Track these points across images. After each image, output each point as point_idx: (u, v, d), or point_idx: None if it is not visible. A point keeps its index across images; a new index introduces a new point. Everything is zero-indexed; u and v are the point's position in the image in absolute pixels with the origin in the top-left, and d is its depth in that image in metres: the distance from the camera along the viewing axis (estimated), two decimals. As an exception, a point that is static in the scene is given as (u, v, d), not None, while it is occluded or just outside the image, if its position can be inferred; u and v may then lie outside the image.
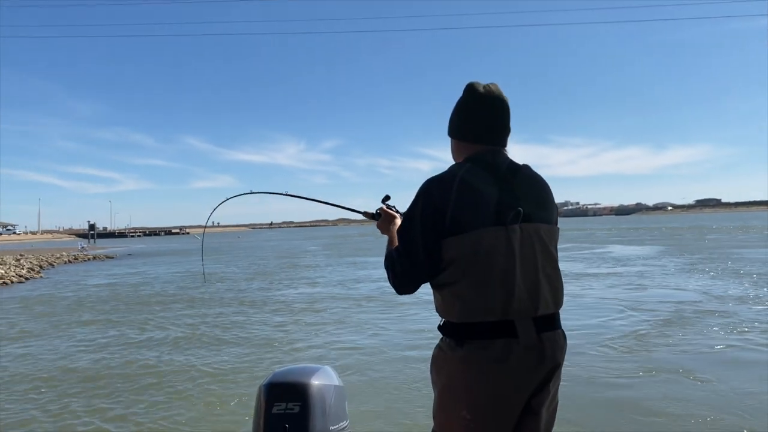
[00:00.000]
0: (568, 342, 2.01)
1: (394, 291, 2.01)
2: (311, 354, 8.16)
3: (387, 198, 2.41)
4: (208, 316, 11.84)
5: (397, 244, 2.05)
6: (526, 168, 2.06)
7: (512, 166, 2.02)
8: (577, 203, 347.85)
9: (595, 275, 17.16)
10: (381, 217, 2.37)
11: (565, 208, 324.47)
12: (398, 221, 2.27)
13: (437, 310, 1.98)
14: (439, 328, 1.98)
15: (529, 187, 2.00)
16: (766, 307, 10.61)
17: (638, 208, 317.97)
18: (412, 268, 1.93)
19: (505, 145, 2.07)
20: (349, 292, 15.27)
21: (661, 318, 9.78)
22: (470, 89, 2.05)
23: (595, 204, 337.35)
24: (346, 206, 2.81)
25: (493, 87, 2.04)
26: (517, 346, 1.82)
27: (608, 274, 17.54)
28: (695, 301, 11.50)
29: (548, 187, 2.09)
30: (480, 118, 2.03)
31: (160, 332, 10.14)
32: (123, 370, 7.44)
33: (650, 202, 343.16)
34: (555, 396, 1.98)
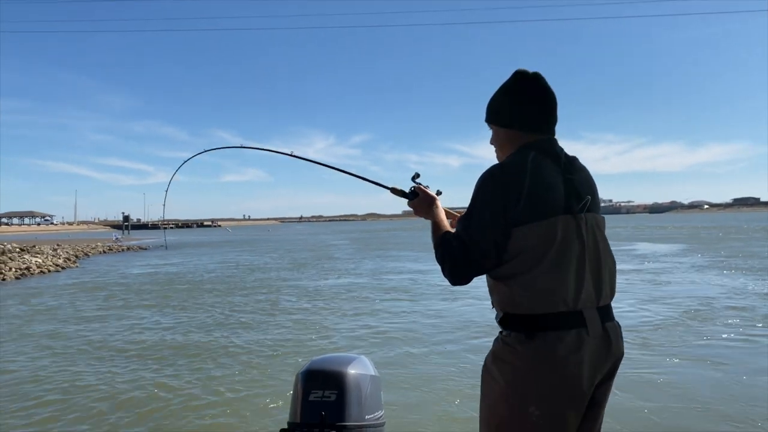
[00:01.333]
0: None
1: (448, 281, 1.94)
2: (347, 343, 8.24)
3: (417, 176, 2.26)
4: (246, 305, 12.02)
5: (447, 229, 2.02)
6: (576, 159, 2.04)
7: (569, 157, 2.00)
8: (610, 200, 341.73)
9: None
10: (418, 197, 2.23)
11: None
12: (439, 203, 2.21)
13: (499, 303, 1.91)
14: (501, 321, 1.91)
15: (585, 178, 1.99)
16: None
17: (673, 206, 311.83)
18: (479, 257, 1.85)
19: (554, 133, 2.03)
20: (383, 284, 15.32)
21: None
22: (522, 76, 2.01)
23: (629, 202, 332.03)
24: (370, 179, 2.55)
25: (539, 75, 2.01)
26: (587, 336, 1.80)
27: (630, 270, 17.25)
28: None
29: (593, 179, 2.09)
30: (536, 106, 1.99)
31: (202, 316, 10.35)
32: (165, 351, 7.69)
33: (685, 200, 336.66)
34: (609, 389, 1.98)
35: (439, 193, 2.26)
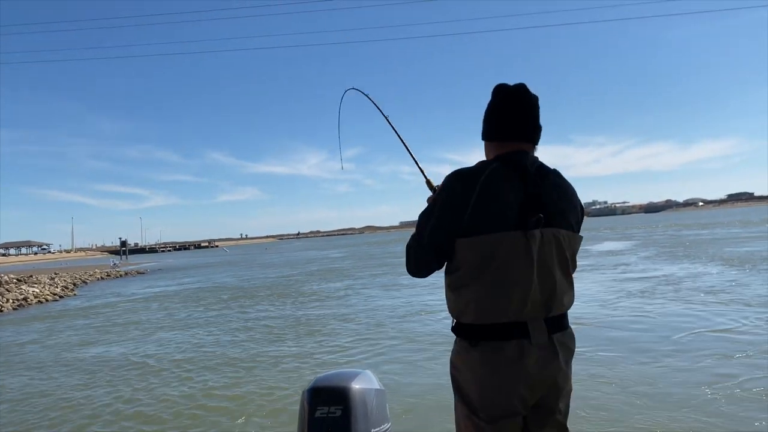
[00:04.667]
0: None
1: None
2: (353, 359, 8.24)
3: None
4: (249, 324, 11.99)
5: None
6: (555, 173, 2.04)
7: (542, 170, 2.01)
8: (605, 202, 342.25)
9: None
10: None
11: (593, 207, 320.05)
12: None
13: (450, 311, 1.99)
14: (453, 329, 1.99)
15: (555, 192, 1.98)
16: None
17: (668, 205, 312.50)
18: (422, 253, 1.99)
19: (534, 142, 2.06)
20: (385, 298, 15.30)
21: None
22: (496, 89, 2.07)
23: (624, 203, 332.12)
24: (420, 166, 2.68)
25: (519, 86, 2.05)
26: (529, 346, 1.85)
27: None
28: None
29: (575, 194, 2.08)
30: (505, 115, 2.03)
31: (207, 335, 10.32)
32: (169, 370, 7.63)
33: (680, 199, 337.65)
34: (569, 392, 2.01)
35: None
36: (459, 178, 1.93)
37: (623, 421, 5.07)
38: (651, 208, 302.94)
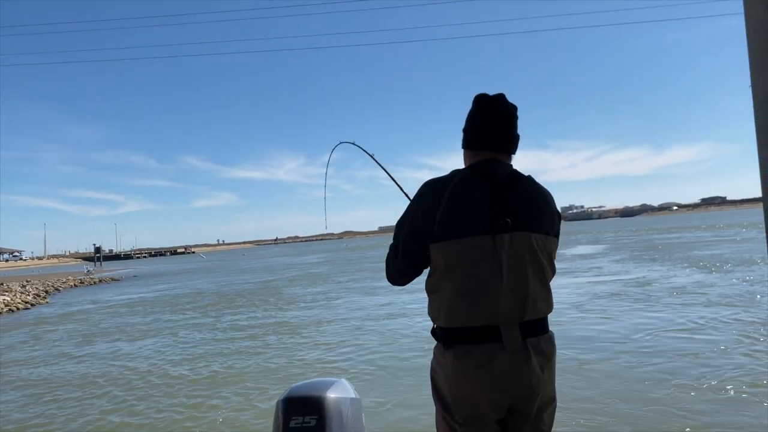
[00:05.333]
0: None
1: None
2: (328, 368, 8.18)
3: None
4: (224, 333, 11.85)
5: None
6: (528, 179, 2.08)
7: (514, 176, 2.04)
8: (582, 206, 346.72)
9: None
10: None
11: (570, 212, 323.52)
12: None
13: (429, 315, 2.02)
14: (432, 332, 2.03)
15: (526, 197, 2.00)
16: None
17: (643, 209, 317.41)
18: (398, 262, 2.05)
19: (510, 152, 2.10)
20: (362, 305, 15.25)
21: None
22: (475, 100, 2.12)
23: (600, 207, 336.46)
24: (402, 188, 2.74)
25: (497, 96, 2.09)
26: (502, 350, 1.86)
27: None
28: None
29: (549, 198, 2.10)
30: (480, 126, 2.08)
31: (178, 345, 10.15)
32: (139, 381, 7.47)
33: (655, 203, 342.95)
34: (551, 400, 1.99)
35: None
36: (429, 186, 2.00)
37: (591, 415, 5.21)
38: (627, 212, 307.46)
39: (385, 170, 3.04)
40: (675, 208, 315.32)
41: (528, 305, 1.92)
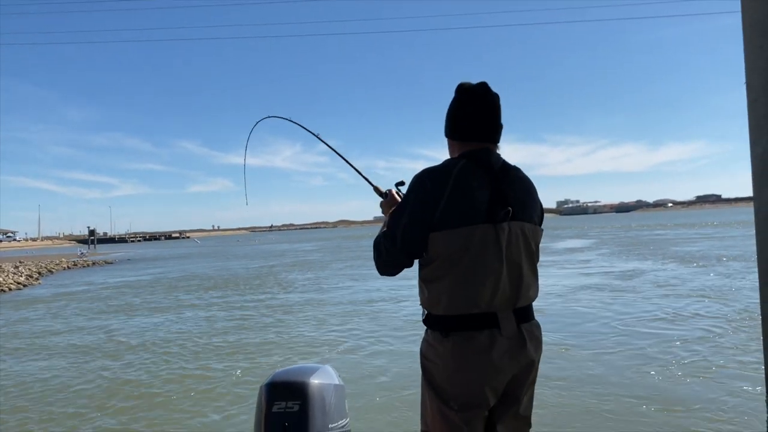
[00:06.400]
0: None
1: (377, 271, 2.12)
2: (312, 353, 8.18)
3: (401, 183, 2.43)
4: (210, 317, 11.85)
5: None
6: (516, 169, 2.13)
7: (505, 166, 2.09)
8: (577, 201, 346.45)
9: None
10: (387, 198, 2.41)
11: (566, 206, 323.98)
12: None
13: (422, 303, 2.05)
14: (424, 320, 2.05)
15: (518, 187, 2.07)
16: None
17: (639, 205, 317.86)
18: (394, 252, 2.02)
19: (496, 141, 2.13)
20: (351, 292, 15.29)
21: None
22: (459, 89, 2.13)
23: (596, 202, 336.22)
24: (363, 175, 2.79)
25: (481, 85, 2.10)
26: (500, 336, 1.92)
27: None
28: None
29: (534, 188, 2.17)
30: (469, 115, 2.10)
31: (167, 327, 10.17)
32: (120, 376, 7.47)
33: (651, 199, 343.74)
34: (533, 382, 2.09)
35: (401, 183, 2.41)
36: (429, 175, 2.01)
37: (570, 401, 5.34)
38: (622, 208, 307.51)
39: (332, 149, 3.00)
40: (670, 204, 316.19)
41: (522, 292, 1.99)
